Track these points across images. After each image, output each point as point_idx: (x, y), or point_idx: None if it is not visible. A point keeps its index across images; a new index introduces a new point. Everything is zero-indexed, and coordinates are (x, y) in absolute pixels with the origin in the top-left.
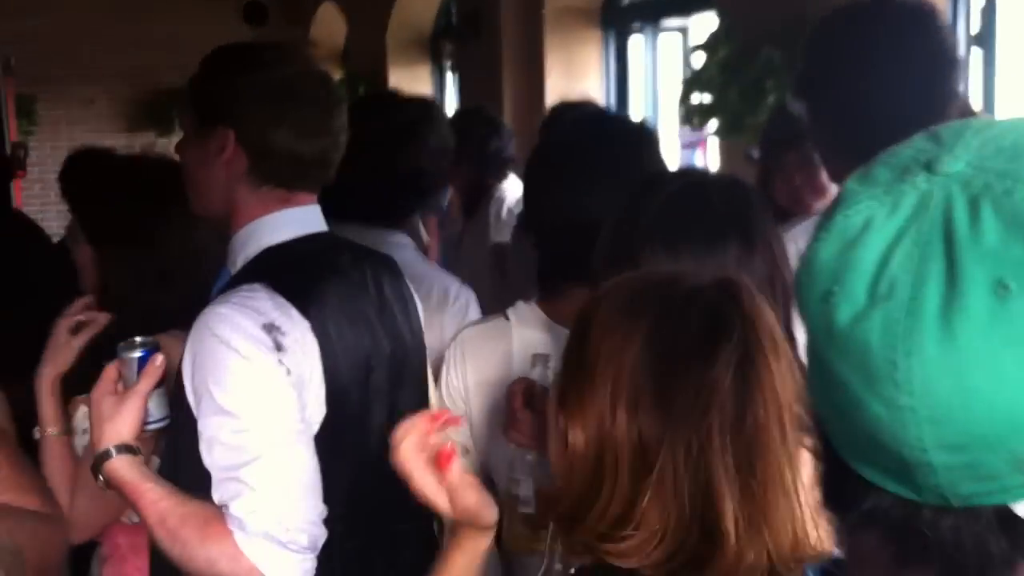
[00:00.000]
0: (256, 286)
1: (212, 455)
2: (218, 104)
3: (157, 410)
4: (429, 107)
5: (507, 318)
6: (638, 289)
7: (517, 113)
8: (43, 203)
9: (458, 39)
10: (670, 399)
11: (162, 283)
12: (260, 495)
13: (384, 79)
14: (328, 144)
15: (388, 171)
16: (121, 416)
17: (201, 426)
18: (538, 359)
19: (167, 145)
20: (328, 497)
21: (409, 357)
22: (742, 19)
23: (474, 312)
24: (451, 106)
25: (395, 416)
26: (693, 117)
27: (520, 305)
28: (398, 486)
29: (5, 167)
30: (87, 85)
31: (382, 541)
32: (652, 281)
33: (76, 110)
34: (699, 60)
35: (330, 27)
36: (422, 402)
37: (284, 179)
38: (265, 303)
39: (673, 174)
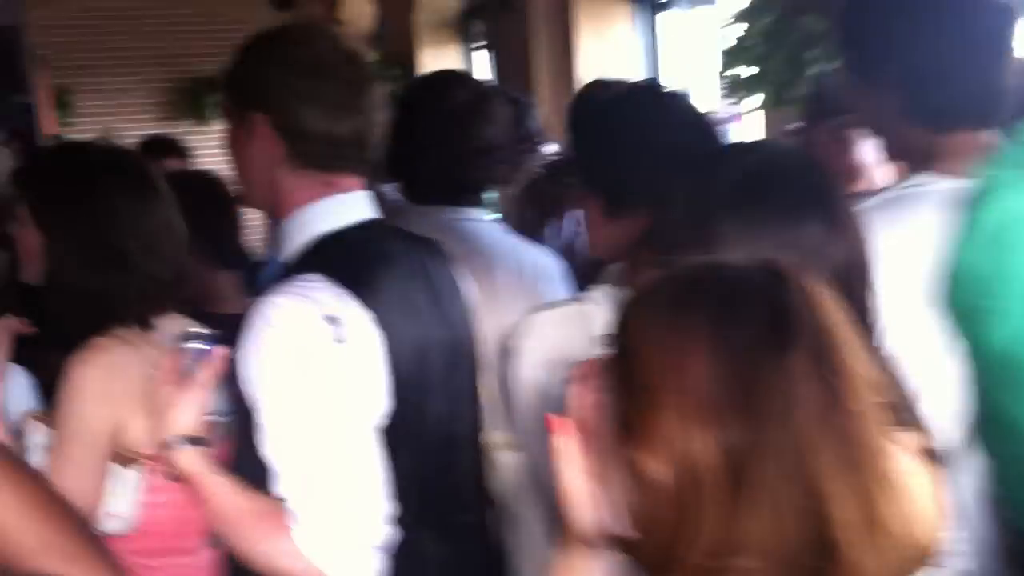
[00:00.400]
0: (314, 276)
1: (272, 448)
2: (248, 89)
3: (216, 403)
4: (487, 83)
5: (586, 301)
6: (680, 288)
7: (551, 89)
8: None
9: (489, 16)
10: (749, 403)
11: (113, 265)
12: (321, 490)
13: (415, 61)
14: (362, 122)
15: (461, 147)
16: (184, 406)
17: (261, 419)
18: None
19: (203, 131)
20: (391, 490)
21: (462, 343)
22: None
23: (560, 288)
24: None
25: (452, 404)
26: (738, 90)
27: (601, 286)
28: (456, 476)
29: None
30: (122, 74)
31: (442, 533)
32: (693, 277)
33: (112, 99)
34: (734, 31)
35: (358, 10)
36: (476, 388)
37: (323, 162)
38: (325, 294)
39: (744, 146)
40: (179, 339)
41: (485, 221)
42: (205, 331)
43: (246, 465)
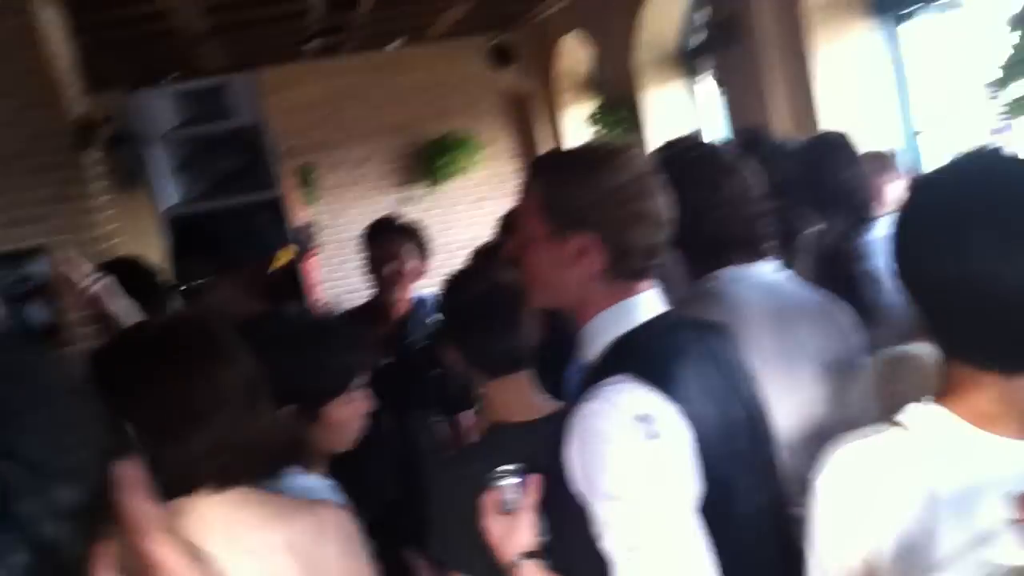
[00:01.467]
0: (621, 377)
1: (608, 541)
2: (577, 211)
3: (539, 524)
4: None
5: (900, 425)
6: None
7: (792, 120)
8: (341, 262)
9: (714, 49)
10: None
11: None
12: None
13: (637, 101)
14: (667, 230)
15: (731, 204)
16: (518, 531)
17: (594, 516)
18: None
19: (434, 194)
20: (717, 569)
21: (756, 417)
22: None
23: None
24: (710, 120)
25: (758, 477)
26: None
27: (915, 406)
28: (769, 548)
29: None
30: (358, 146)
31: None
32: None
33: (350, 171)
34: (1004, 38)
35: (574, 57)
36: (774, 459)
37: (637, 272)
38: (633, 394)
39: None
40: (494, 478)
41: (775, 275)
42: (515, 466)
43: (580, 567)
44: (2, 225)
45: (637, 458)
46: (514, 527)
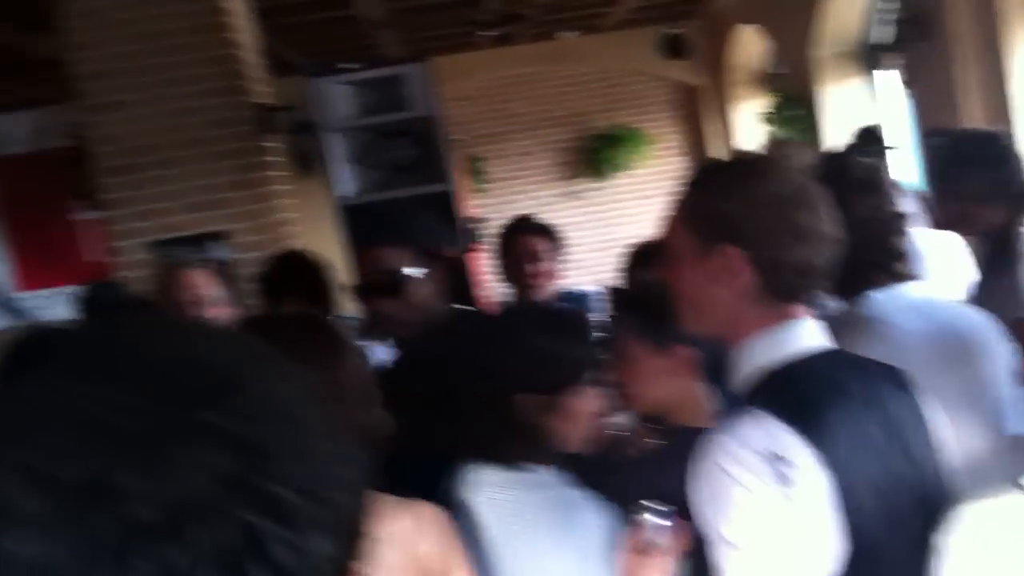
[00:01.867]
0: (759, 413)
1: None
2: (725, 223)
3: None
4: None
5: None
6: None
7: (985, 122)
8: None
9: (903, 45)
10: None
11: None
12: None
13: (815, 97)
14: (826, 248)
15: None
16: (653, 572)
17: (714, 558)
18: None
19: (604, 188)
20: None
21: (926, 483)
22: None
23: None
24: (891, 119)
25: (912, 552)
26: None
27: None
28: None
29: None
30: (524, 138)
31: None
32: None
33: (516, 163)
34: None
35: (749, 50)
36: (935, 538)
37: (791, 292)
38: (768, 432)
39: None
40: (639, 510)
41: (924, 296)
42: (660, 506)
43: None
44: (185, 210)
45: (762, 503)
46: (647, 570)
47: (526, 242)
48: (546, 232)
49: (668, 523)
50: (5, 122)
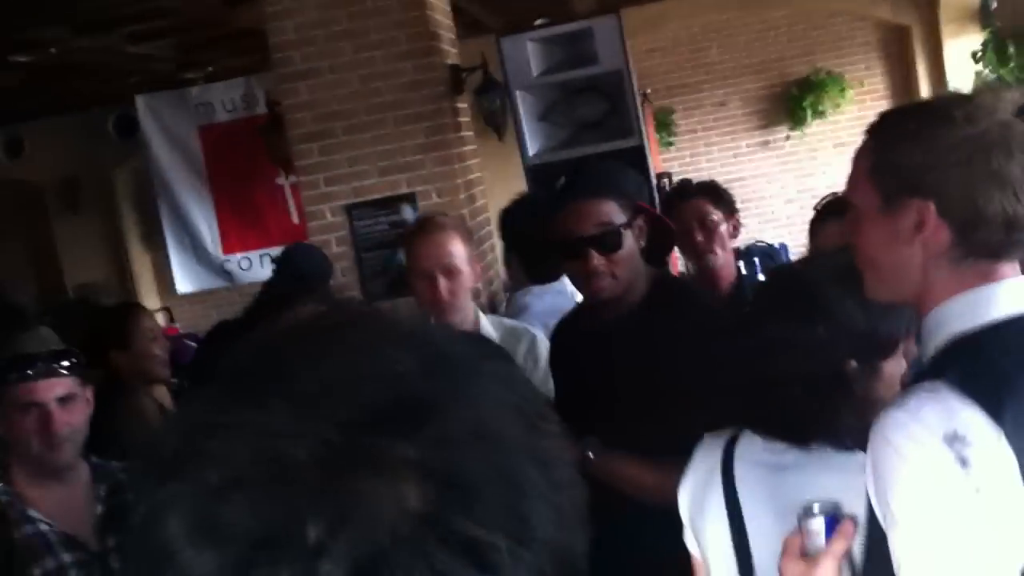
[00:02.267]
0: (939, 385)
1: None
2: (910, 175)
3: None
4: None
5: None
6: None
7: None
8: None
9: None
10: None
11: None
12: None
13: None
14: None
15: None
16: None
17: (889, 543)
18: None
19: (800, 137)
20: None
21: None
22: None
23: None
24: None
25: None
26: None
27: None
28: None
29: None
30: (717, 88)
31: None
32: None
33: (708, 114)
34: None
35: None
36: None
37: (993, 250)
38: (947, 408)
39: None
40: (803, 512)
41: None
42: (830, 503)
43: None
44: (378, 173)
45: (937, 487)
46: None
47: (692, 208)
48: (714, 192)
49: (830, 521)
50: (213, 91)
